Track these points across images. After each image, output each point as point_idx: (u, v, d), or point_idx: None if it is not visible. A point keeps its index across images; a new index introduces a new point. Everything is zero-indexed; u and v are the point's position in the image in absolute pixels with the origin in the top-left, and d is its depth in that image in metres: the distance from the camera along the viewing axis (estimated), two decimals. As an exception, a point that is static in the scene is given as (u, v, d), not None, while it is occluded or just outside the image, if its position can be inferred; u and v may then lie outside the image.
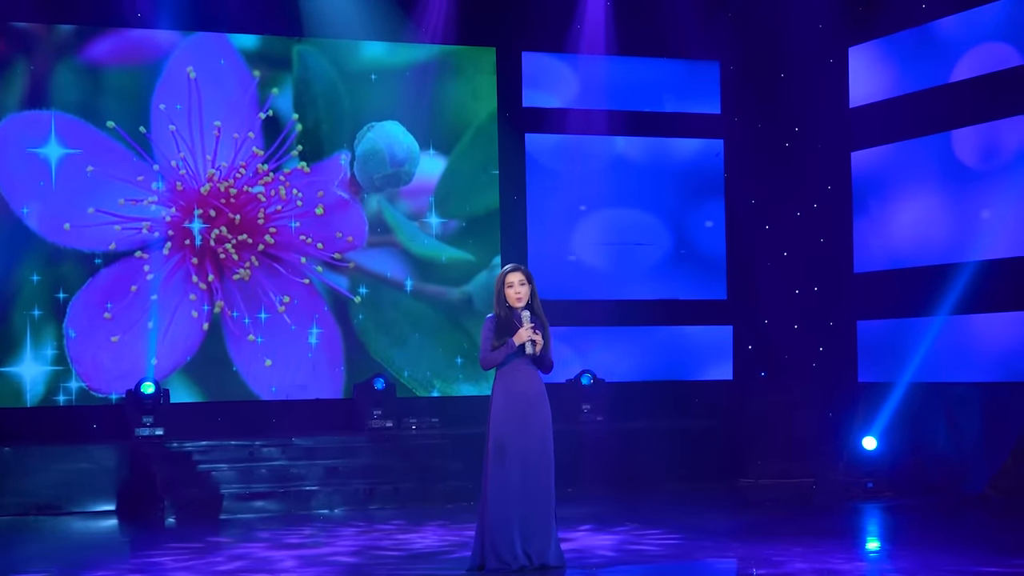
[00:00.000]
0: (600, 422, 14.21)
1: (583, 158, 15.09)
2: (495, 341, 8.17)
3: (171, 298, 13.70)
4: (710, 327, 15.36)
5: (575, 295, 14.64)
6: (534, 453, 8.11)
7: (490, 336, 8.19)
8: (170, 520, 11.59)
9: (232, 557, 9.39)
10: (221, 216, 13.87)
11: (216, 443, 12.68)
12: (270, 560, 9.21)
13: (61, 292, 13.39)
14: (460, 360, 14.59)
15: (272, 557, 9.36)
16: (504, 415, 8.14)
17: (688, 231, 15.34)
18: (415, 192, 14.55)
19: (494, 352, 8.17)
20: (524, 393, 8.17)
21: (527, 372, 8.22)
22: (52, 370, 13.34)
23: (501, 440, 8.10)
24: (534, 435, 8.13)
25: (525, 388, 8.18)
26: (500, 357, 8.17)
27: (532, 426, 8.14)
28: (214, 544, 10.09)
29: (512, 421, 8.12)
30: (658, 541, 9.76)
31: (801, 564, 8.56)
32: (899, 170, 13.91)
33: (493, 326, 8.20)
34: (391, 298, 14.46)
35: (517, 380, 8.19)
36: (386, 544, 9.91)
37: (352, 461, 12.77)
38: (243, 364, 13.93)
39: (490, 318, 8.25)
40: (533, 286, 8.26)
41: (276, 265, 14.05)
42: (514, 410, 8.14)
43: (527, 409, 8.15)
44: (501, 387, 8.20)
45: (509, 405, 8.15)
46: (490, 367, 8.22)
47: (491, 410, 8.19)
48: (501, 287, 8.23)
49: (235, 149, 13.96)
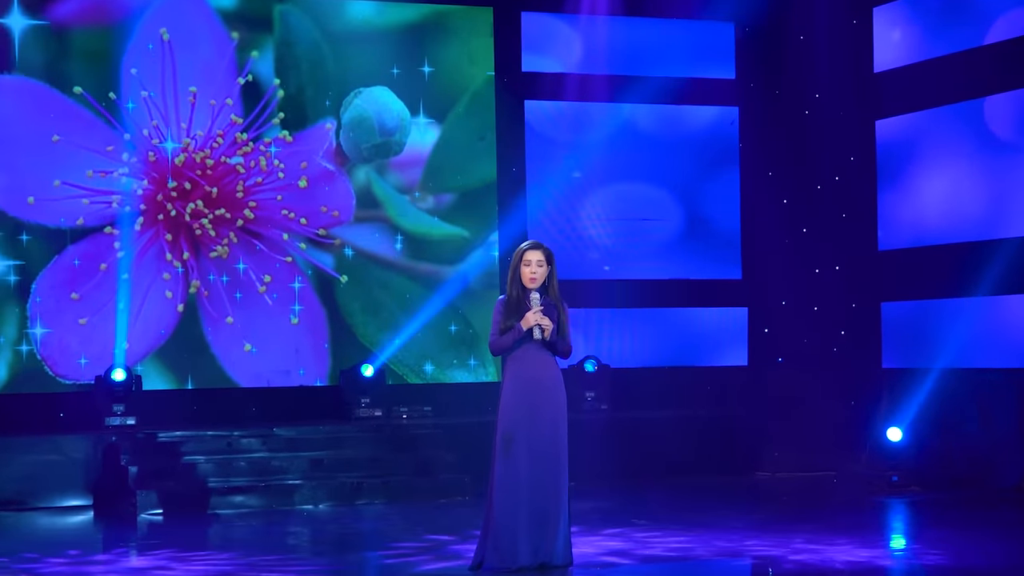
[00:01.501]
0: (604, 411, 14.22)
1: (586, 127, 15.07)
2: (504, 324, 8.16)
3: (143, 277, 13.69)
4: (723, 309, 15.36)
5: (578, 274, 14.64)
6: (544, 444, 8.09)
7: (500, 319, 8.18)
8: (143, 516, 11.59)
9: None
10: (197, 189, 13.85)
11: (192, 433, 12.66)
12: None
13: (25, 271, 13.38)
14: (455, 344, 14.60)
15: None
16: (513, 403, 8.13)
17: (700, 205, 15.33)
18: (406, 163, 14.53)
19: (503, 337, 8.16)
20: (535, 379, 8.15)
21: (540, 357, 8.20)
22: (15, 354, 13.33)
23: (509, 430, 8.09)
24: (544, 424, 8.11)
25: (537, 374, 8.16)
26: (509, 342, 8.16)
27: (543, 415, 8.12)
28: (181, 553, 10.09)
29: (521, 409, 8.11)
30: (666, 540, 9.78)
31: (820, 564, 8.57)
32: (927, 140, 13.90)
33: (503, 308, 8.19)
34: (380, 277, 14.45)
35: (528, 365, 8.17)
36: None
37: (338, 453, 12.75)
38: (221, 348, 13.93)
39: (501, 300, 8.23)
40: (553, 267, 8.21)
41: (256, 242, 14.04)
42: (523, 398, 8.13)
43: (538, 396, 8.14)
44: (511, 373, 8.18)
45: (518, 392, 8.13)
46: (500, 352, 8.21)
47: (501, 398, 8.18)
48: (517, 264, 8.20)
49: (212, 117, 13.94)
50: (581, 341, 14.56)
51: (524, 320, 8.11)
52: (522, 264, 8.18)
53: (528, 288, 8.17)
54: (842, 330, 14.78)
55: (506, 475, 8.05)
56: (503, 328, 8.16)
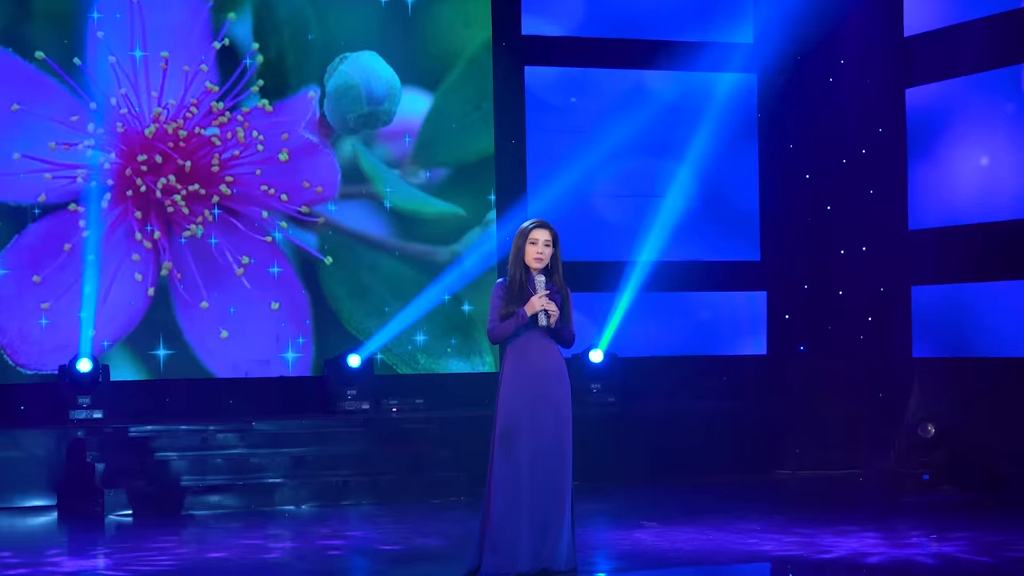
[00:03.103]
0: (612, 404, 14.23)
1: (591, 95, 15.06)
2: (505, 310, 8.14)
3: (111, 258, 13.68)
4: (741, 293, 15.35)
5: (584, 255, 14.62)
6: (547, 439, 8.08)
7: (500, 304, 8.16)
8: (111, 517, 11.59)
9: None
10: (169, 163, 13.83)
11: (164, 428, 12.66)
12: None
13: (-18, 251, 13.41)
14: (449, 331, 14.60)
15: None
16: (513, 396, 8.11)
17: (715, 181, 15.31)
18: (396, 135, 14.52)
19: (503, 323, 8.14)
20: (538, 370, 8.14)
21: (542, 345, 8.18)
22: (-28, 343, 13.37)
23: (508, 425, 8.07)
24: (547, 419, 8.10)
25: (539, 364, 8.15)
26: (510, 329, 8.13)
27: (545, 409, 8.10)
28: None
29: (521, 402, 8.09)
30: (679, 542, 9.79)
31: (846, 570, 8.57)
32: (962, 109, 13.88)
33: (503, 292, 8.17)
34: (368, 259, 14.45)
35: (529, 355, 8.15)
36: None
37: (322, 449, 12.76)
38: (195, 336, 13.93)
39: (500, 283, 8.20)
40: (558, 250, 8.20)
41: (233, 220, 14.03)
42: (525, 390, 8.11)
43: (540, 389, 8.12)
44: (511, 363, 8.16)
45: (519, 384, 8.12)
46: (499, 340, 8.19)
47: (499, 390, 8.17)
48: (522, 244, 8.17)
49: (185, 84, 13.91)
50: (586, 327, 14.54)
51: (529, 305, 8.09)
52: (528, 243, 8.15)
53: (533, 270, 8.15)
54: (869, 316, 14.78)
55: (505, 474, 8.04)
56: (504, 314, 8.13)
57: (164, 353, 13.82)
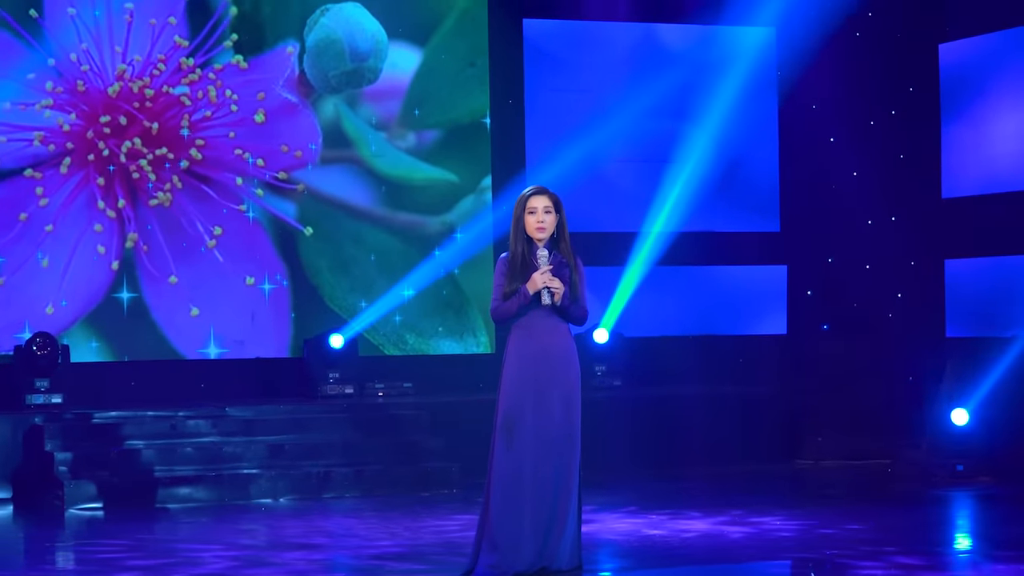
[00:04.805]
0: (618, 388, 14.26)
1: (596, 50, 15.04)
2: (508, 287, 8.12)
3: (71, 229, 13.68)
4: (759, 267, 15.37)
5: (588, 226, 14.60)
6: (553, 428, 8.06)
7: (503, 282, 8.14)
8: (72, 511, 11.61)
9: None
10: (134, 125, 13.82)
11: (129, 414, 12.67)
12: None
13: (-70, 221, 13.41)
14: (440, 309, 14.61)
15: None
16: (516, 380, 8.10)
17: (731, 145, 15.28)
18: (382, 94, 14.53)
19: (506, 302, 8.12)
20: (544, 352, 8.12)
21: (548, 325, 8.15)
22: (-80, 321, 13.38)
23: (510, 411, 8.06)
24: (553, 405, 8.08)
25: (545, 344, 8.13)
26: (513, 308, 8.11)
27: (551, 394, 8.09)
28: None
29: (525, 387, 8.08)
30: (689, 538, 9.80)
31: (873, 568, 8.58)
32: (1001, 67, 13.89)
33: (506, 268, 8.15)
34: (352, 230, 14.44)
35: (534, 335, 8.13)
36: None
37: (302, 437, 12.79)
38: (163, 313, 13.94)
39: (503, 259, 8.18)
40: (562, 216, 8.19)
41: (205, 187, 14.04)
42: (529, 374, 8.10)
43: (546, 372, 8.10)
44: (515, 344, 8.15)
45: (523, 367, 8.11)
46: (503, 320, 8.17)
47: (502, 374, 8.16)
48: (521, 213, 8.16)
49: (152, 39, 13.90)
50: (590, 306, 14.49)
51: (530, 282, 8.07)
52: (527, 212, 8.14)
53: (536, 241, 8.12)
54: (899, 292, 14.78)
55: (507, 466, 8.04)
56: (507, 291, 8.12)
57: (129, 332, 13.81)
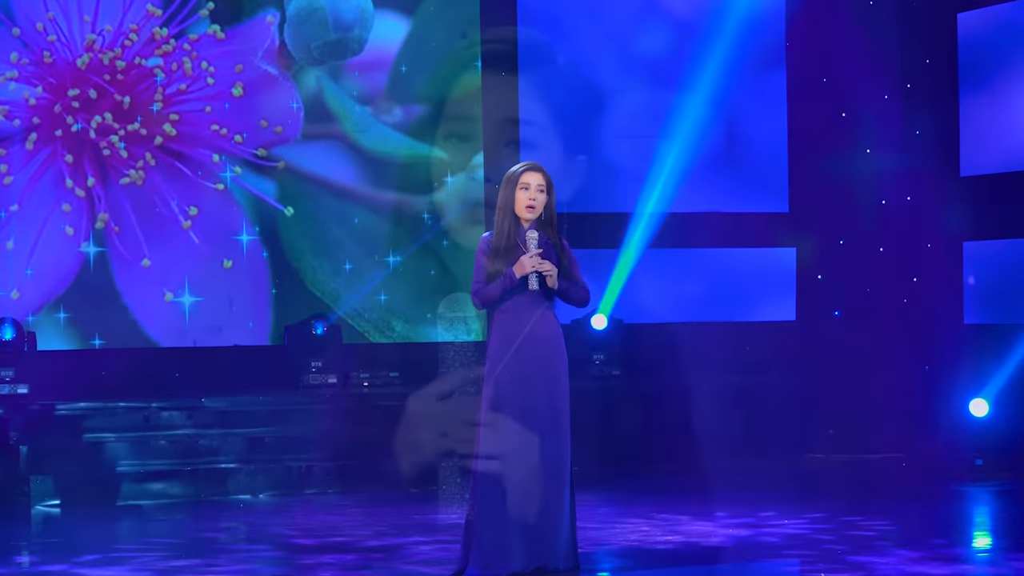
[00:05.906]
0: (616, 377, 14.26)
1: (595, 19, 15.01)
2: (491, 267, 8.10)
3: (37, 209, 13.66)
4: (766, 250, 15.35)
5: (584, 206, 14.62)
6: (541, 417, 8.09)
7: (485, 263, 8.13)
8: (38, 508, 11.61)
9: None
10: (105, 98, 13.80)
11: (99, 405, 12.66)
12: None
13: None
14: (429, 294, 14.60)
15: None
16: (501, 367, 8.10)
17: (736, 119, 15.29)
18: (367, 65, 14.51)
19: (490, 285, 8.11)
20: (529, 339, 8.14)
21: (535, 309, 8.17)
22: None
23: (495, 400, 8.06)
24: (540, 393, 8.11)
25: (531, 332, 8.15)
26: (498, 292, 8.13)
27: (538, 382, 8.12)
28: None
29: (511, 374, 8.09)
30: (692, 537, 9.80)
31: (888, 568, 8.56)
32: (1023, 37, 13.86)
33: (489, 248, 8.12)
34: (335, 210, 14.43)
35: (521, 320, 8.15)
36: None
37: (282, 430, 12.81)
38: (135, 299, 13.92)
39: (486, 238, 8.18)
40: (552, 198, 8.21)
41: (179, 164, 14.01)
42: (514, 360, 8.11)
43: (533, 359, 8.13)
44: (499, 330, 8.18)
45: (507, 355, 8.11)
46: (486, 305, 8.19)
47: (486, 362, 8.16)
48: (512, 191, 8.16)
49: (123, 7, 13.88)
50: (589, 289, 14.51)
51: (518, 265, 8.08)
52: (519, 189, 8.14)
53: (524, 221, 8.10)
54: (914, 276, 14.77)
55: (492, 458, 8.02)
56: (491, 273, 8.10)
57: (99, 318, 13.79)
